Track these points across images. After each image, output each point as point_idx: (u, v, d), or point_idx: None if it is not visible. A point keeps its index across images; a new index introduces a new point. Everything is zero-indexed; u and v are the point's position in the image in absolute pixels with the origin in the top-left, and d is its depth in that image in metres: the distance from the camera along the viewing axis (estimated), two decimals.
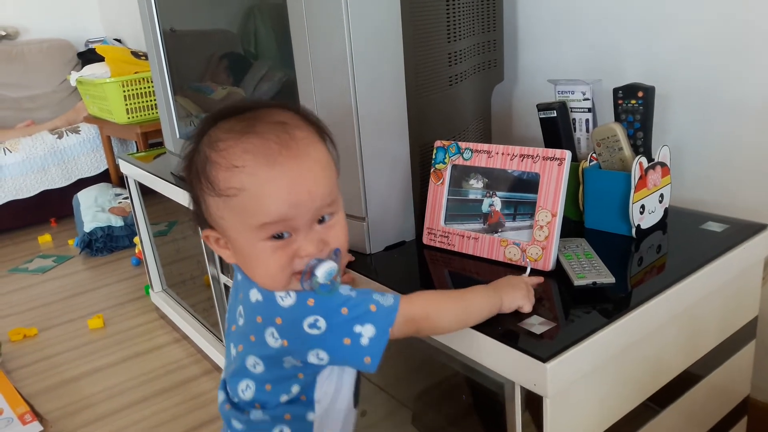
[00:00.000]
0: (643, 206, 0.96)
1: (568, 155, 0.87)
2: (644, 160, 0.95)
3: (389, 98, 0.96)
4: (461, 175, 0.98)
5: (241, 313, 0.70)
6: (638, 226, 0.96)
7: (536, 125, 1.09)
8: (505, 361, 0.73)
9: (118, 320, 1.99)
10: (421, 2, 0.99)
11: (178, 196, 1.47)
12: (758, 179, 1.08)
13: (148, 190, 1.72)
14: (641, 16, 1.16)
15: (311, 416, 0.72)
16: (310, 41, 0.95)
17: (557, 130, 1.06)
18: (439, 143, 1.00)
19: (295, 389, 0.70)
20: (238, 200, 0.62)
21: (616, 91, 1.01)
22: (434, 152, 1.00)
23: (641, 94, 0.99)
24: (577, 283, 0.82)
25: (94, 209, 2.62)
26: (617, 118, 1.02)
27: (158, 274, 1.95)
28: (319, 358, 0.66)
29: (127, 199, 2.64)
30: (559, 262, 0.88)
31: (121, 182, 2.86)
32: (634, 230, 0.96)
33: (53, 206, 2.94)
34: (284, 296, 0.66)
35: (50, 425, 1.49)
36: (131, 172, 1.77)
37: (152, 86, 2.08)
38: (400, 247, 1.02)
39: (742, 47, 1.04)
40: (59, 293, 2.24)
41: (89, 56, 3.20)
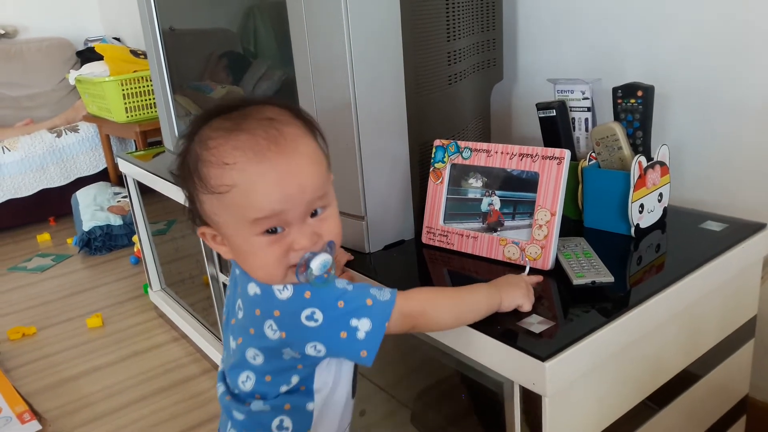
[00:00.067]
0: (642, 205, 0.96)
1: (567, 154, 0.87)
2: (643, 159, 0.95)
3: (388, 97, 0.96)
4: (460, 174, 0.98)
5: (240, 306, 0.71)
6: (637, 225, 0.96)
7: (535, 124, 1.09)
8: (504, 360, 0.73)
9: (116, 319, 1.99)
10: (420, 1, 0.99)
11: (176, 194, 1.47)
12: (758, 179, 1.08)
13: (147, 188, 1.71)
14: (641, 15, 1.16)
15: (311, 406, 0.73)
16: (309, 40, 0.95)
17: (556, 129, 1.06)
18: (438, 142, 1.00)
19: (294, 380, 0.71)
20: (230, 197, 0.63)
21: (615, 90, 1.01)
22: (433, 151, 1.00)
23: (640, 93, 0.99)
24: (576, 282, 0.82)
25: (92, 208, 2.62)
26: (616, 117, 1.02)
27: (157, 273, 1.95)
28: (316, 350, 0.67)
29: (125, 197, 2.64)
30: (558, 261, 0.88)
31: (120, 181, 2.86)
32: (633, 229, 0.96)
33: (52, 205, 2.94)
34: (282, 289, 0.67)
35: (49, 424, 1.48)
36: (130, 170, 1.77)
37: (151, 85, 2.08)
38: (399, 246, 1.02)
39: (741, 47, 1.04)
40: (58, 292, 2.24)
41: (88, 55, 3.20)
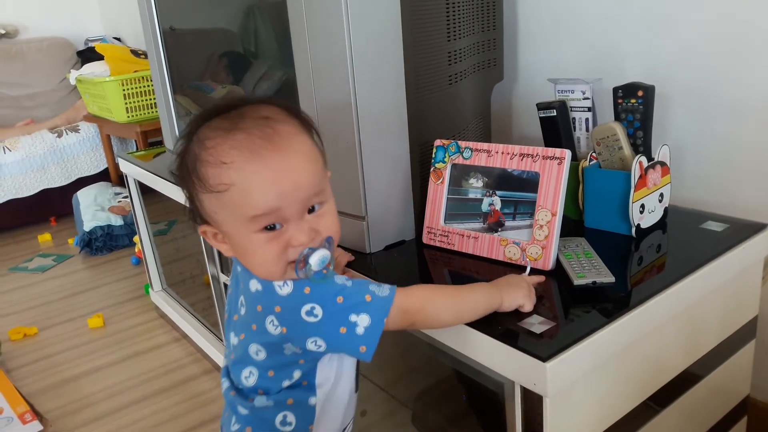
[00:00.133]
0: (642, 205, 0.96)
1: (567, 154, 0.87)
2: (644, 159, 0.95)
3: (389, 97, 0.96)
4: (461, 174, 0.98)
5: (242, 302, 0.72)
6: (638, 225, 0.96)
7: (536, 124, 1.09)
8: (505, 360, 0.73)
9: (117, 319, 1.99)
10: (421, 1, 0.99)
11: (177, 195, 1.47)
12: (758, 179, 1.08)
13: (147, 189, 1.71)
14: (641, 15, 1.16)
15: (313, 400, 0.74)
16: (310, 40, 0.95)
17: (557, 129, 1.06)
18: (438, 142, 1.00)
19: (296, 374, 0.72)
20: (228, 195, 0.64)
21: (616, 90, 1.01)
22: (434, 151, 1.00)
23: (641, 93, 0.99)
24: (576, 282, 0.82)
25: (93, 208, 2.62)
26: (617, 117, 1.02)
27: (158, 273, 1.95)
28: (317, 345, 0.68)
29: (126, 198, 2.64)
30: (558, 261, 0.88)
31: (120, 181, 2.86)
32: (633, 229, 0.96)
33: (53, 205, 2.94)
34: (282, 285, 0.68)
35: (50, 424, 1.49)
36: (131, 170, 1.77)
37: (152, 85, 2.08)
38: (399, 246, 1.02)
39: (742, 47, 1.04)
40: (59, 292, 2.24)
41: (89, 55, 3.20)
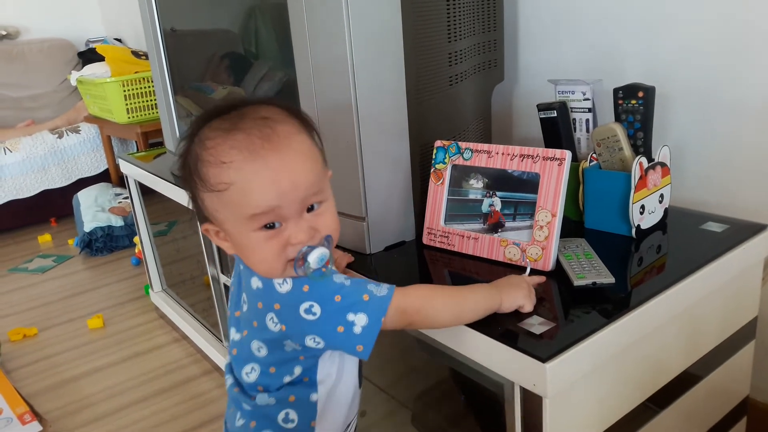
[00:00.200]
0: (643, 206, 0.96)
1: (568, 155, 0.87)
2: (644, 160, 0.95)
3: (389, 98, 0.96)
4: (461, 175, 0.98)
5: (245, 300, 0.73)
6: (638, 226, 0.96)
7: (536, 125, 1.09)
8: (504, 361, 0.73)
9: (117, 320, 1.99)
10: (421, 2, 0.99)
11: (178, 195, 1.47)
12: (759, 179, 1.08)
13: (148, 189, 1.72)
14: (641, 16, 1.16)
15: (314, 397, 0.74)
16: (310, 41, 0.95)
17: (557, 130, 1.06)
18: (439, 143, 1.00)
19: (297, 370, 0.72)
20: (228, 194, 0.65)
21: (616, 91, 1.01)
22: (434, 152, 1.00)
23: (641, 94, 0.99)
24: (576, 283, 0.82)
25: (94, 209, 2.62)
26: (617, 118, 1.02)
27: (158, 274, 1.95)
28: (316, 342, 0.68)
29: (127, 198, 2.64)
30: (558, 262, 0.88)
31: (121, 182, 2.86)
32: (634, 230, 0.96)
33: (53, 206, 2.94)
34: (281, 283, 0.68)
35: (49, 425, 1.49)
36: (131, 171, 1.77)
37: (152, 86, 2.08)
38: (400, 247, 1.02)
39: (742, 47, 1.04)
40: (59, 293, 2.24)
41: (90, 56, 3.20)
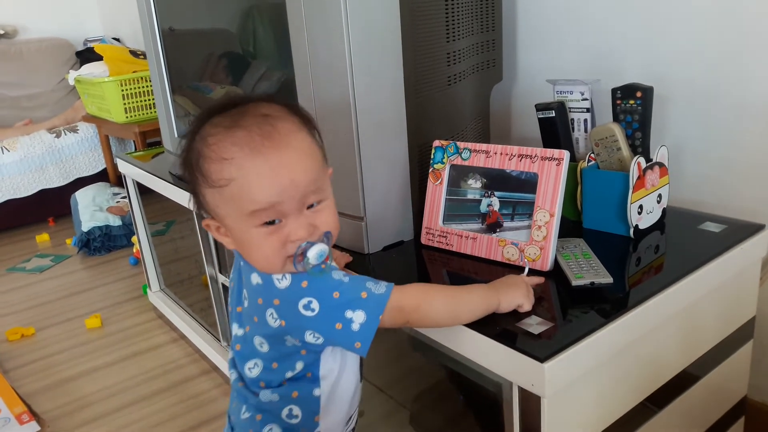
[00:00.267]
0: (641, 206, 0.96)
1: (566, 155, 0.87)
2: (642, 160, 0.95)
3: (388, 98, 0.96)
4: (460, 175, 0.98)
5: (245, 295, 0.74)
6: (636, 226, 0.96)
7: (535, 125, 1.09)
8: (502, 361, 0.73)
9: (115, 320, 1.98)
10: (420, 2, 0.99)
11: (176, 195, 1.47)
12: (757, 180, 1.08)
13: (146, 189, 1.71)
14: (640, 16, 1.16)
15: (317, 392, 0.75)
16: (308, 41, 0.95)
17: (556, 130, 1.06)
18: (437, 143, 1.00)
19: (299, 366, 0.73)
20: (229, 190, 0.66)
21: (614, 91, 1.01)
22: (433, 152, 1.00)
23: (640, 94, 0.99)
24: (575, 283, 0.82)
25: (92, 208, 2.62)
26: (616, 118, 1.02)
27: (156, 273, 1.95)
28: (315, 337, 0.69)
29: (125, 198, 2.64)
30: (557, 262, 0.88)
31: (119, 181, 2.85)
32: (632, 230, 0.96)
33: (51, 205, 2.94)
34: (281, 279, 0.69)
35: (47, 425, 1.48)
36: (129, 171, 1.77)
37: (151, 85, 2.08)
38: (398, 247, 1.02)
39: (740, 48, 1.05)
40: (57, 292, 2.23)
41: (88, 55, 3.20)
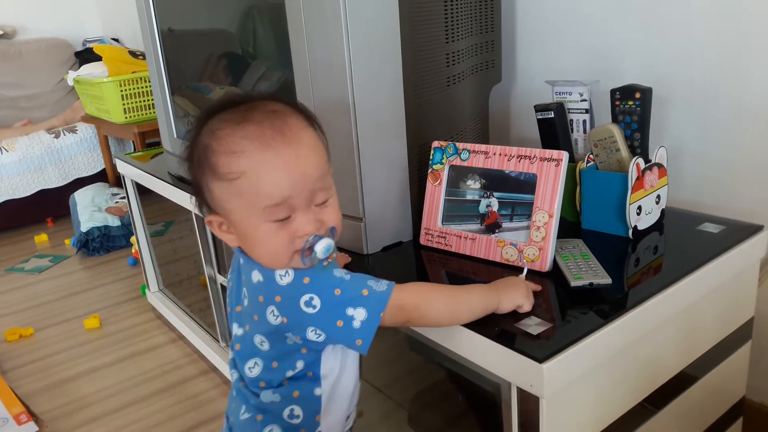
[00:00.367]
0: (639, 207, 0.96)
1: (565, 156, 0.87)
2: (641, 161, 0.95)
3: (387, 99, 0.96)
4: (459, 175, 0.98)
5: (245, 294, 0.74)
6: (635, 227, 0.97)
7: (534, 126, 1.10)
8: (501, 361, 0.73)
9: (114, 320, 1.98)
10: (419, 3, 0.99)
11: (175, 196, 1.47)
12: (755, 180, 1.08)
13: (145, 189, 1.71)
14: (640, 17, 1.16)
15: (318, 391, 0.75)
16: (308, 42, 0.95)
17: (555, 131, 1.06)
18: (436, 144, 1.00)
19: (299, 365, 0.73)
20: (239, 183, 0.66)
21: (613, 92, 1.01)
22: (432, 153, 1.00)
23: (638, 95, 0.99)
24: (573, 283, 0.82)
25: (90, 209, 2.62)
26: (614, 119, 1.02)
27: (155, 274, 1.95)
28: (317, 334, 0.69)
29: (124, 198, 2.63)
30: (556, 262, 0.88)
31: (118, 182, 2.85)
32: (630, 231, 0.96)
33: (50, 206, 2.94)
34: (283, 275, 0.69)
35: (46, 425, 1.48)
36: (128, 171, 1.77)
37: (150, 86, 2.08)
38: (397, 247, 1.02)
39: (739, 49, 1.05)
40: (55, 293, 2.23)
41: (87, 55, 3.19)
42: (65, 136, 2.91)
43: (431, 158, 1.00)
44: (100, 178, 2.98)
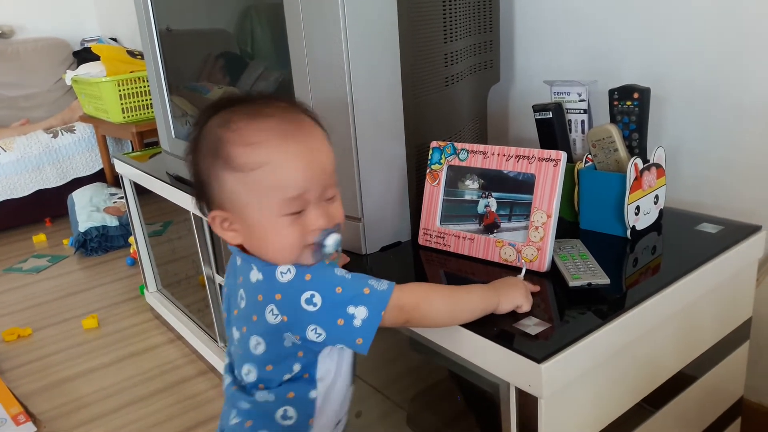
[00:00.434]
0: (638, 207, 0.97)
1: (563, 156, 0.87)
2: (639, 161, 0.95)
3: (385, 99, 0.96)
4: (457, 175, 0.98)
5: (242, 295, 0.72)
6: (633, 227, 0.97)
7: (532, 126, 1.10)
8: (500, 361, 0.73)
9: (112, 320, 1.98)
10: (417, 3, 0.99)
11: (173, 195, 1.47)
12: (753, 181, 1.08)
13: (143, 189, 1.71)
14: (639, 17, 1.16)
15: (314, 394, 0.74)
16: (306, 42, 0.95)
17: (553, 131, 1.06)
18: (435, 144, 1.00)
19: (296, 367, 0.72)
20: (256, 174, 0.66)
21: (611, 92, 1.01)
22: (430, 153, 1.00)
23: (637, 95, 0.99)
24: (572, 283, 0.82)
25: (89, 209, 2.61)
26: (613, 119, 1.02)
27: (153, 274, 1.95)
28: (317, 333, 0.68)
29: (122, 198, 2.64)
30: (554, 262, 0.88)
31: (116, 182, 2.85)
32: (629, 231, 0.96)
33: (48, 206, 2.93)
34: (284, 272, 0.68)
35: (44, 426, 1.48)
36: (126, 171, 1.77)
37: (148, 85, 2.08)
38: (395, 247, 1.02)
39: (738, 49, 1.05)
40: (54, 293, 2.23)
41: (85, 55, 3.19)
42: (63, 135, 2.91)
43: (429, 158, 1.00)
44: (98, 177, 2.98)
